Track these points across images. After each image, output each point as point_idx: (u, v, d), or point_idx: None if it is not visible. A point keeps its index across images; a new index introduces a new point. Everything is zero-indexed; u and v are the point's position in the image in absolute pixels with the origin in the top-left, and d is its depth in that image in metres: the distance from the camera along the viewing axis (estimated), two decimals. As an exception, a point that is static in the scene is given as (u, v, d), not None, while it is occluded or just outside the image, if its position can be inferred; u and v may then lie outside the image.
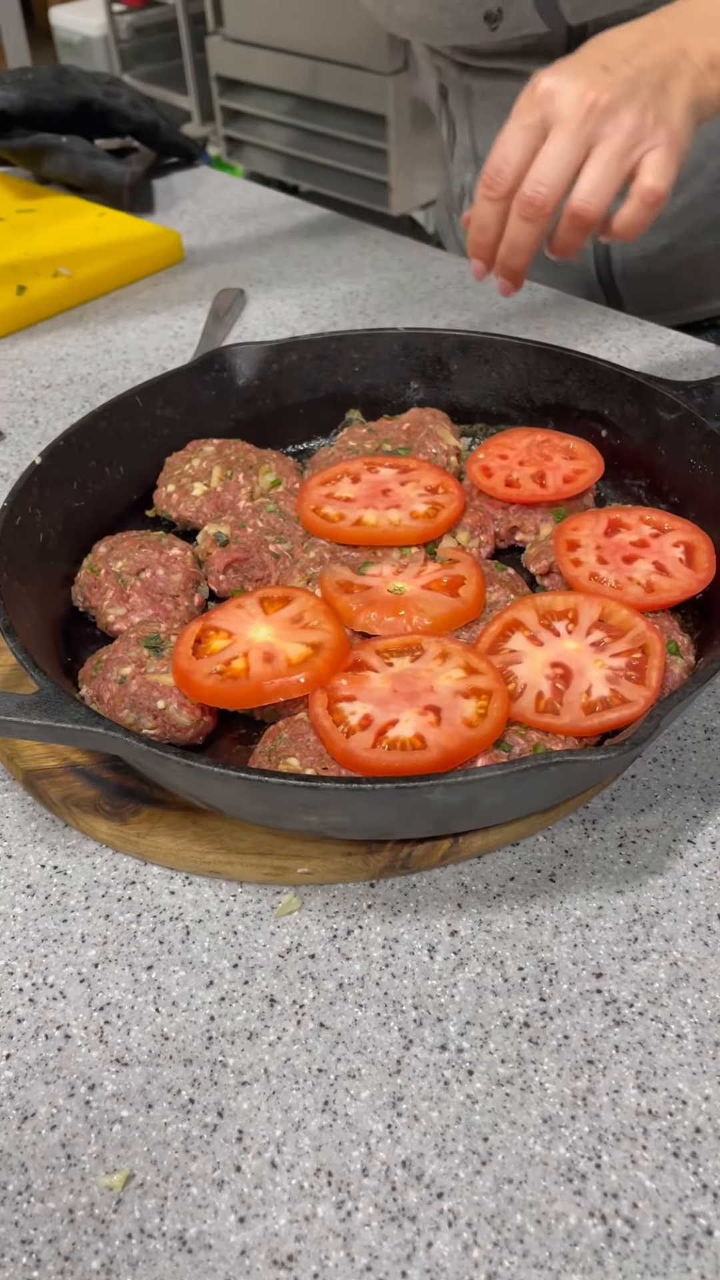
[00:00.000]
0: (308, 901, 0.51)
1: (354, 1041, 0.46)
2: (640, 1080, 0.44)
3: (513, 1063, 0.45)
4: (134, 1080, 0.45)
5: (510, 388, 0.72)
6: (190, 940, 0.50)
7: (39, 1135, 0.43)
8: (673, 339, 0.92)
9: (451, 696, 0.51)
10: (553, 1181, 0.41)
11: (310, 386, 0.74)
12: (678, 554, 0.59)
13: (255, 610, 0.58)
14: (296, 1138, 0.43)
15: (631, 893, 0.50)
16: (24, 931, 0.50)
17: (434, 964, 0.48)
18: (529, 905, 0.50)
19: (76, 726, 0.47)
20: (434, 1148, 0.42)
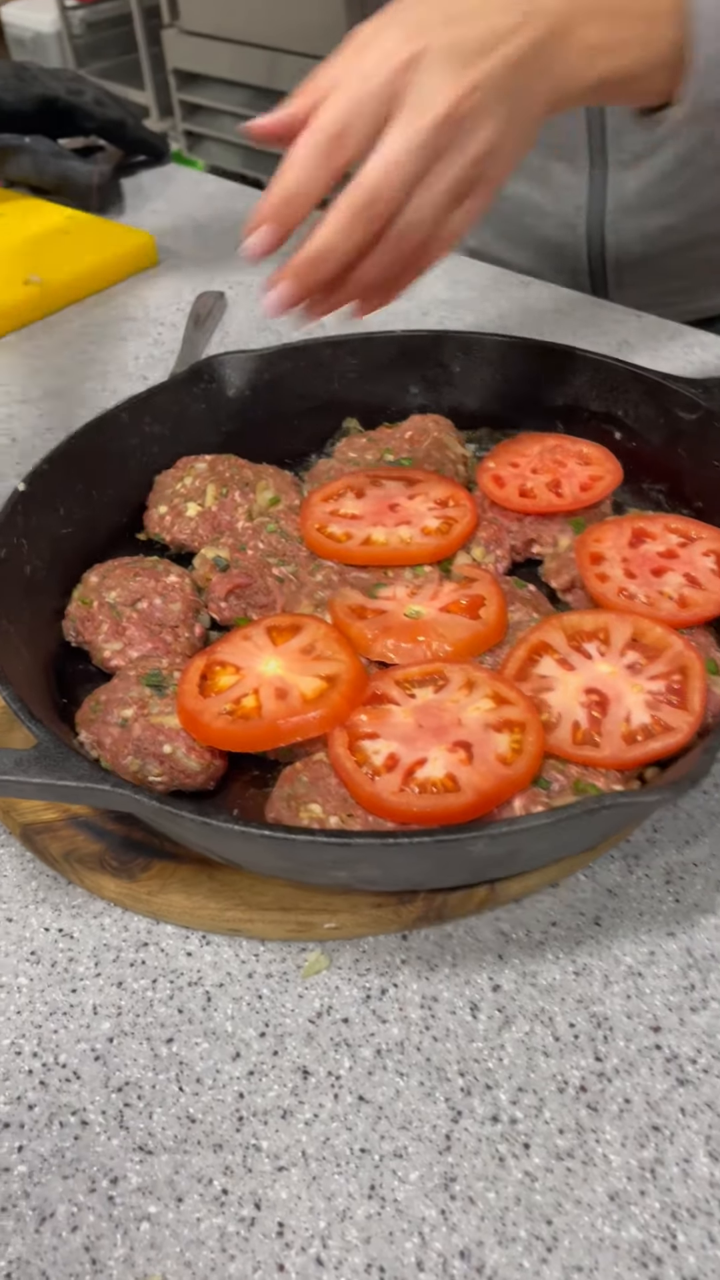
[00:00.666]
0: (336, 959, 0.47)
1: (398, 1116, 0.42)
2: (711, 1146, 0.40)
3: (572, 1133, 0.41)
4: (160, 1170, 0.41)
5: (516, 390, 0.69)
6: (212, 1007, 0.46)
7: (59, 1239, 0.39)
8: (674, 330, 0.88)
9: (482, 730, 0.48)
10: (625, 1268, 0.38)
11: (304, 395, 0.70)
12: (709, 564, 0.56)
13: (263, 641, 0.54)
14: (343, 1229, 0.39)
15: (684, 934, 0.47)
16: (30, 1005, 0.46)
17: (478, 1024, 0.45)
18: (575, 953, 0.47)
19: (81, 784, 0.43)
20: (493, 1234, 0.39)
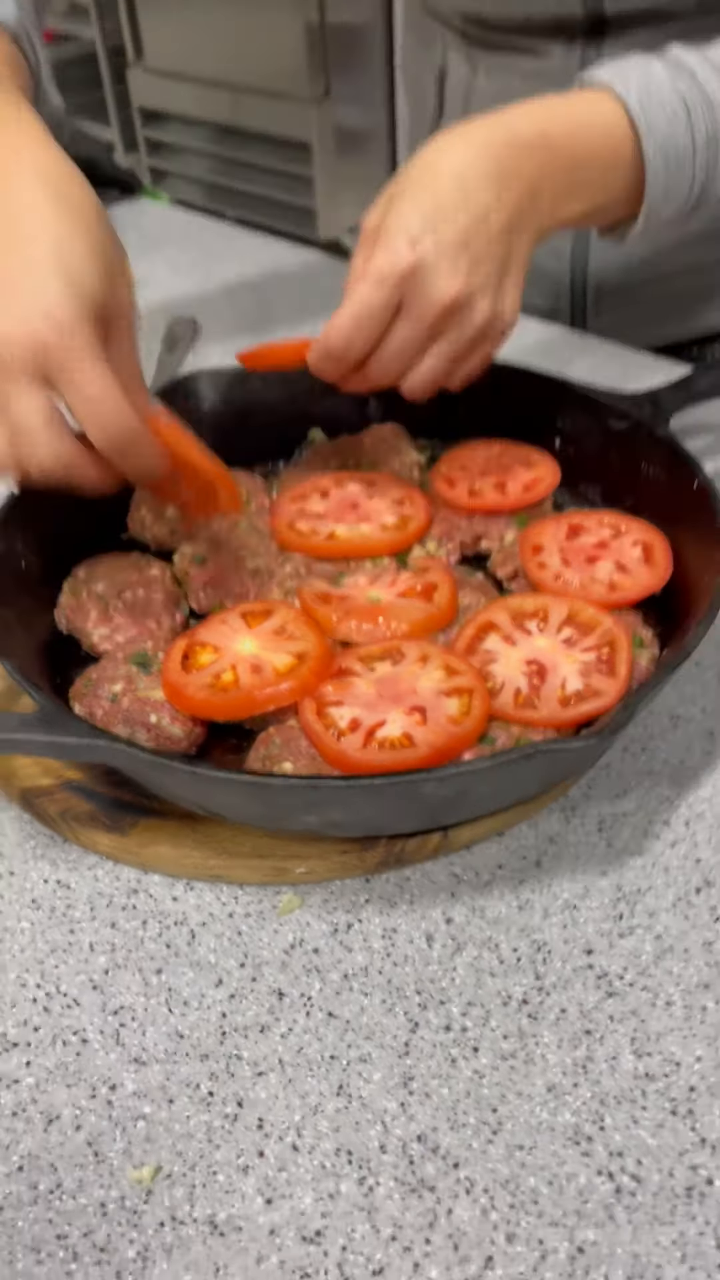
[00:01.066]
0: (308, 899, 0.53)
1: (362, 1028, 0.48)
2: (635, 1046, 0.47)
3: (514, 1038, 0.47)
4: (153, 1078, 0.46)
5: (466, 402, 0.75)
6: (196, 943, 0.51)
7: (65, 1136, 0.45)
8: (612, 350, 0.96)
9: (435, 696, 0.54)
10: (561, 1145, 0.44)
11: (273, 409, 0.76)
12: (636, 553, 0.63)
13: (239, 625, 0.60)
14: (315, 1121, 0.45)
15: (614, 873, 0.53)
16: (33, 944, 0.52)
17: (433, 951, 0.51)
18: (518, 890, 0.53)
19: (82, 740, 0.48)
20: (446, 1121, 0.44)
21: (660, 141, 0.60)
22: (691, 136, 0.61)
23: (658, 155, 0.61)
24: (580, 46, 0.86)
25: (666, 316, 1.03)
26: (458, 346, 0.60)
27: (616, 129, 0.61)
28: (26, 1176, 0.43)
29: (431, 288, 0.57)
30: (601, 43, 0.85)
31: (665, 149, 0.61)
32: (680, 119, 0.61)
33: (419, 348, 0.59)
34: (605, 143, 0.61)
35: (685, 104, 0.61)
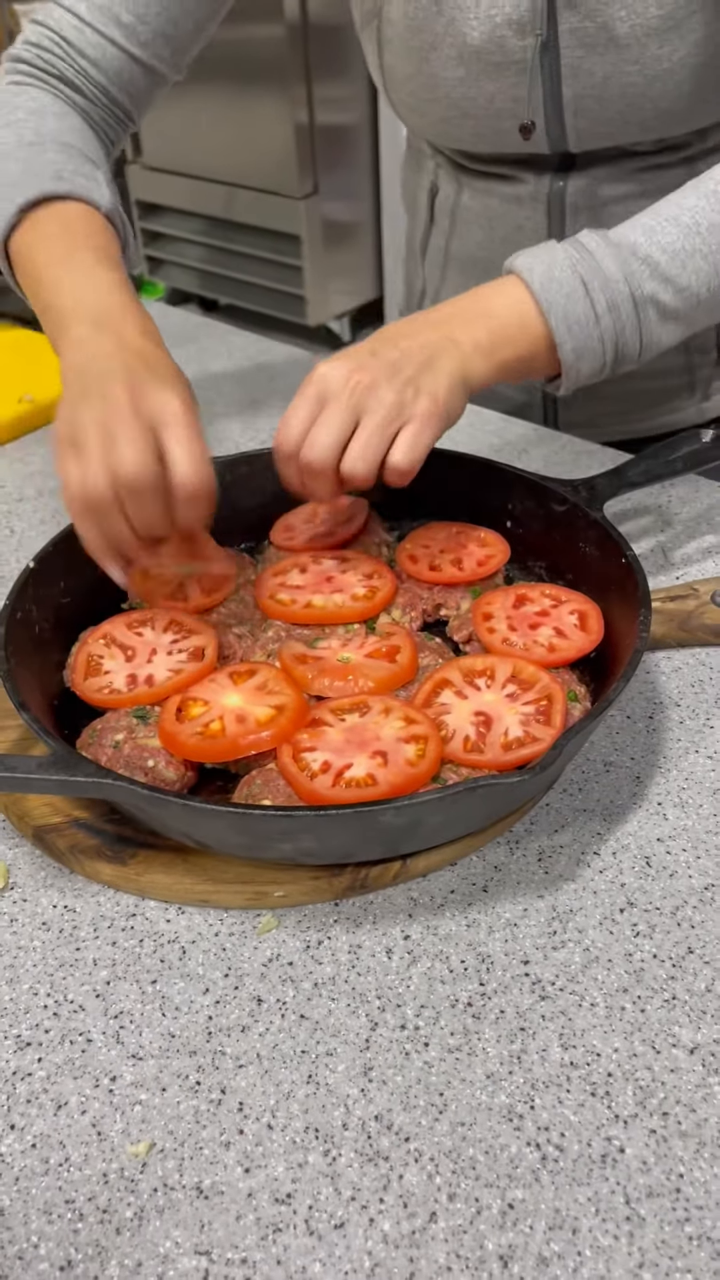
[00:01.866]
0: (284, 920, 0.61)
1: (329, 1028, 0.55)
2: (563, 1040, 0.54)
3: (460, 1034, 0.55)
4: (149, 1070, 0.54)
5: (429, 488, 0.85)
6: (186, 958, 0.59)
7: (72, 1119, 0.52)
8: (566, 441, 1.06)
9: (395, 743, 0.62)
10: (496, 1121, 0.51)
11: (259, 493, 0.86)
12: (573, 620, 0.72)
13: (226, 682, 0.68)
14: (287, 1105, 0.52)
15: (550, 896, 0.61)
16: (44, 960, 0.59)
17: (392, 962, 0.58)
18: (467, 911, 0.61)
19: (89, 779, 0.57)
20: (400, 1104, 0.52)
21: (561, 315, 0.71)
22: (591, 308, 0.71)
23: (561, 325, 0.71)
24: (551, 176, 0.98)
25: (629, 413, 1.14)
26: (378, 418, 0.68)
27: (524, 307, 0.72)
28: (39, 1152, 0.51)
29: (338, 375, 0.69)
30: (569, 173, 0.98)
31: (567, 320, 0.71)
32: (578, 294, 0.71)
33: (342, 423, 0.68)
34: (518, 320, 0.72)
35: (583, 281, 0.71)
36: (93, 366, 0.68)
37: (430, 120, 0.98)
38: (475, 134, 0.96)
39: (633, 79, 0.87)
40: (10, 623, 0.68)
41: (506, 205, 1.02)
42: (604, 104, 0.89)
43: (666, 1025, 0.55)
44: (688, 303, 0.73)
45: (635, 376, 1.08)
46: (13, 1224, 0.48)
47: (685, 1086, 0.52)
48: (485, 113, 0.93)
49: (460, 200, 1.06)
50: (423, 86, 0.94)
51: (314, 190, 3.29)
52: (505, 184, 1.01)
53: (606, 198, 0.99)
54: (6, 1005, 0.57)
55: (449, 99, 0.94)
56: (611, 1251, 0.46)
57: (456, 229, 1.09)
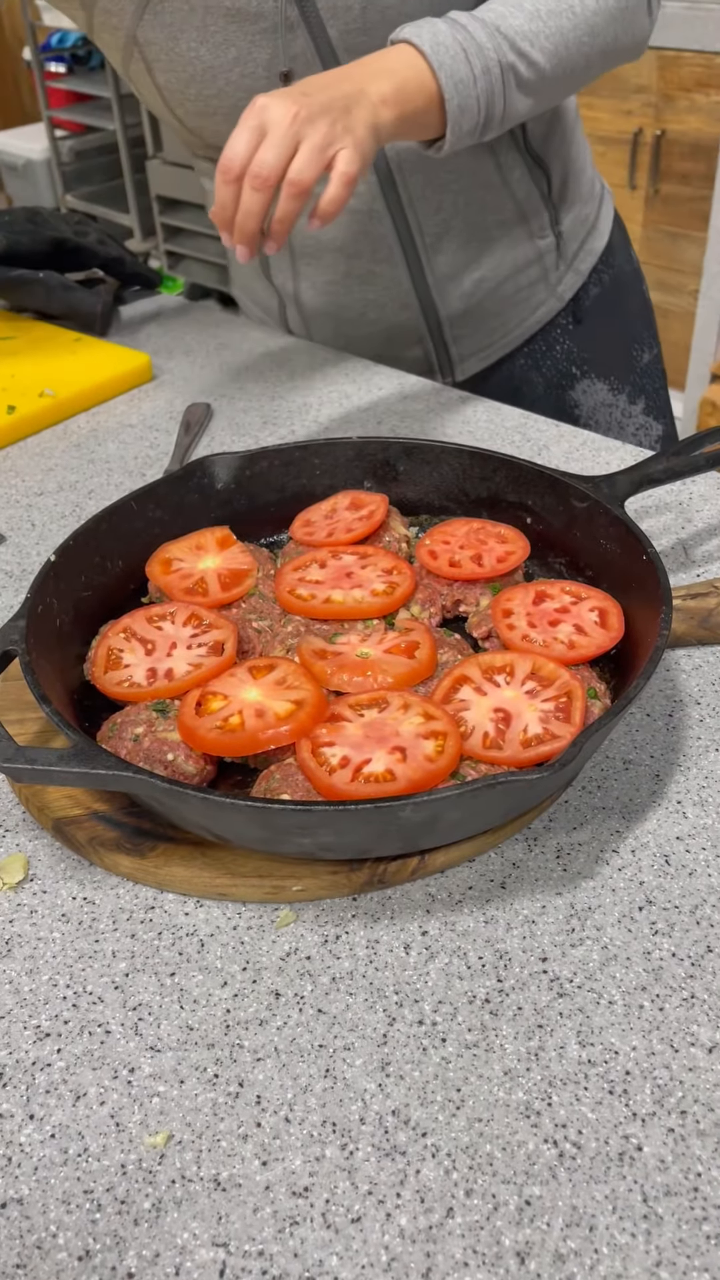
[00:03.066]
0: (302, 915, 0.61)
1: (347, 1022, 0.55)
2: (580, 1038, 0.54)
3: (477, 1031, 0.55)
4: (167, 1063, 0.54)
5: (449, 484, 0.85)
6: (205, 950, 0.59)
7: (91, 1110, 0.52)
8: (586, 438, 1.06)
9: (414, 738, 0.62)
10: (514, 1118, 0.51)
11: (279, 488, 0.86)
12: (593, 617, 0.72)
13: (245, 677, 0.69)
14: (305, 1098, 0.52)
15: (569, 894, 0.61)
16: (63, 951, 0.60)
17: (409, 958, 0.58)
18: (485, 908, 0.61)
19: (110, 772, 0.57)
20: (417, 1099, 0.52)
21: (449, 73, 0.85)
22: (471, 69, 0.86)
23: (449, 83, 0.85)
24: None
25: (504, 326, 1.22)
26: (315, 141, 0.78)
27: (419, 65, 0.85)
28: (58, 1143, 0.51)
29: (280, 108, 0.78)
30: None
31: (454, 78, 0.85)
32: (460, 57, 0.85)
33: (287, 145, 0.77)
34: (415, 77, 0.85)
35: (463, 47, 0.85)
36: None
37: (220, 116, 1.01)
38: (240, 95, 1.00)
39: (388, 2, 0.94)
40: (32, 616, 0.68)
41: None
42: (370, 34, 0.95)
43: (685, 1024, 0.54)
44: (538, 75, 0.91)
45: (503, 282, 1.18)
46: (31, 1214, 0.48)
47: (704, 1085, 0.52)
48: (267, 83, 0.98)
49: None
50: (202, 84, 0.99)
51: (333, 185, 3.29)
52: None
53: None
54: (26, 996, 0.57)
55: (229, 83, 0.98)
56: (629, 1250, 0.46)
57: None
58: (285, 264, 1.18)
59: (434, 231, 1.12)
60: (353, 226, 1.10)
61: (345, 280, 1.16)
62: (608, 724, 0.59)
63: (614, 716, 0.59)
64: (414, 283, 1.15)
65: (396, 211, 1.09)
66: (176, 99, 1.02)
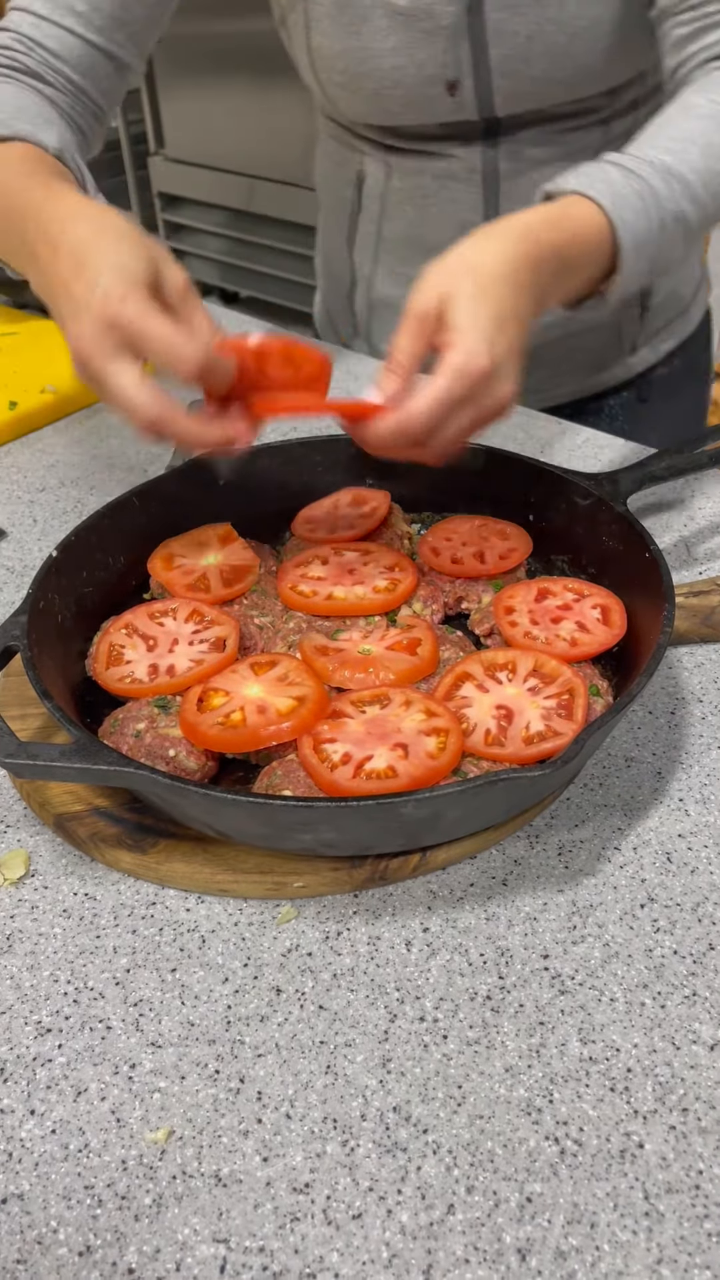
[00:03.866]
0: (303, 911, 0.61)
1: (348, 1019, 0.55)
2: (582, 1035, 0.54)
3: (479, 1028, 0.55)
4: (168, 1058, 0.54)
5: (451, 481, 0.85)
6: (206, 947, 0.59)
7: (92, 1105, 0.52)
8: (588, 436, 1.06)
9: (416, 735, 0.62)
10: (515, 1115, 0.51)
11: (280, 484, 0.86)
12: (596, 615, 0.71)
13: (247, 673, 0.68)
14: (306, 1095, 0.52)
15: (570, 891, 0.61)
16: (64, 947, 0.60)
17: (411, 955, 0.58)
18: (487, 905, 0.61)
19: (111, 768, 0.57)
20: (418, 1095, 0.52)
21: (632, 232, 0.71)
22: (648, 225, 0.72)
23: (630, 244, 0.71)
24: (480, 146, 1.01)
25: (567, 375, 1.18)
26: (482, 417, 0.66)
27: (599, 228, 0.71)
28: (58, 1138, 0.51)
29: (497, 389, 0.64)
30: (497, 142, 1.01)
31: (636, 237, 0.71)
32: (641, 211, 0.71)
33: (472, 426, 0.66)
34: (596, 243, 0.71)
35: (641, 199, 0.72)
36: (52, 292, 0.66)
37: (362, 95, 1.00)
38: (406, 103, 0.99)
39: (555, 37, 0.91)
40: (33, 611, 0.68)
41: (439, 181, 1.05)
42: (529, 63, 0.93)
43: (686, 1021, 0.54)
44: (705, 221, 0.76)
45: (572, 336, 1.13)
46: (32, 1209, 0.48)
47: (705, 1083, 0.52)
48: (416, 79, 0.96)
49: (390, 184, 1.09)
50: (354, 61, 0.97)
51: (335, 182, 3.29)
52: (435, 160, 1.04)
53: (534, 159, 1.02)
54: (27, 991, 0.57)
55: (380, 70, 0.96)
56: (630, 1247, 0.46)
57: (387, 212, 1.11)
58: (370, 245, 1.15)
59: None
60: (445, 228, 1.07)
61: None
62: (610, 721, 0.58)
63: (616, 714, 0.59)
64: None
65: None
66: (324, 65, 1.00)
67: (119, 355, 0.61)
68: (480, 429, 0.66)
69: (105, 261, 0.63)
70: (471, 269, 0.66)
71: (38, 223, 0.69)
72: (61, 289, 0.64)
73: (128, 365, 0.62)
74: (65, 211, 0.68)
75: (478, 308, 0.64)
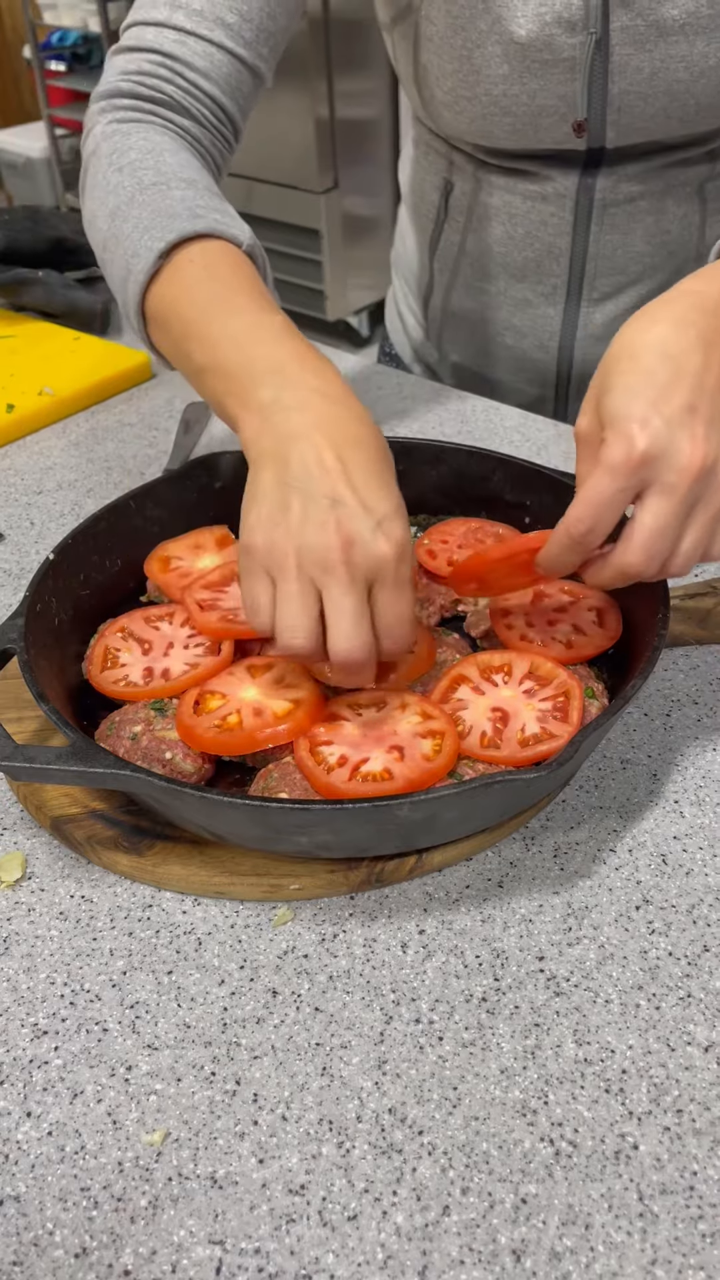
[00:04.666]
0: (299, 913, 0.61)
1: (344, 1020, 0.56)
2: (577, 1036, 0.54)
3: (474, 1029, 0.55)
4: (164, 1060, 0.54)
5: (448, 484, 0.85)
6: (202, 949, 0.59)
7: (88, 1107, 0.52)
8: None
9: (411, 738, 0.62)
10: (510, 1116, 0.51)
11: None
12: (591, 617, 0.72)
13: (244, 675, 0.69)
14: (301, 1096, 0.52)
15: (566, 893, 0.61)
16: (60, 950, 0.60)
17: (406, 957, 0.58)
18: (482, 907, 0.61)
19: (107, 771, 0.57)
20: (414, 1097, 0.52)
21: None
22: None
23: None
24: (579, 172, 0.98)
25: None
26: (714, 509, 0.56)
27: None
28: (55, 1140, 0.51)
29: (675, 460, 0.55)
30: (598, 170, 0.98)
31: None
32: None
33: (677, 523, 0.56)
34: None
35: None
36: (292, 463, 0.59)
37: (467, 118, 0.97)
38: (513, 131, 0.96)
39: (679, 75, 0.88)
40: (30, 614, 0.68)
41: (530, 203, 1.02)
42: (648, 100, 0.90)
43: (681, 1023, 0.54)
44: None
45: None
46: (28, 1211, 0.48)
47: (700, 1084, 0.52)
48: (527, 110, 0.93)
49: (479, 197, 1.06)
50: (463, 84, 0.94)
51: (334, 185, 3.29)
52: (530, 181, 1.01)
53: (635, 193, 0.99)
54: (24, 994, 0.57)
55: (489, 96, 0.93)
56: (624, 1248, 0.46)
57: (473, 225, 1.09)
58: (451, 255, 1.13)
59: (604, 289, 1.06)
60: (530, 249, 1.05)
61: (500, 296, 1.11)
62: (605, 724, 0.59)
63: (612, 716, 0.59)
64: (563, 331, 1.10)
65: (578, 257, 1.04)
66: (428, 80, 0.96)
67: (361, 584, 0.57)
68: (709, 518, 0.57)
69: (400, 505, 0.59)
70: (622, 353, 0.58)
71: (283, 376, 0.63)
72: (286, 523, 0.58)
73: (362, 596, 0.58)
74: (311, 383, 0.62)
75: (622, 393, 0.56)
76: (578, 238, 1.03)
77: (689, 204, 1.02)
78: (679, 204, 1.01)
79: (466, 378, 1.22)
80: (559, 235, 1.03)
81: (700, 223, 1.03)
